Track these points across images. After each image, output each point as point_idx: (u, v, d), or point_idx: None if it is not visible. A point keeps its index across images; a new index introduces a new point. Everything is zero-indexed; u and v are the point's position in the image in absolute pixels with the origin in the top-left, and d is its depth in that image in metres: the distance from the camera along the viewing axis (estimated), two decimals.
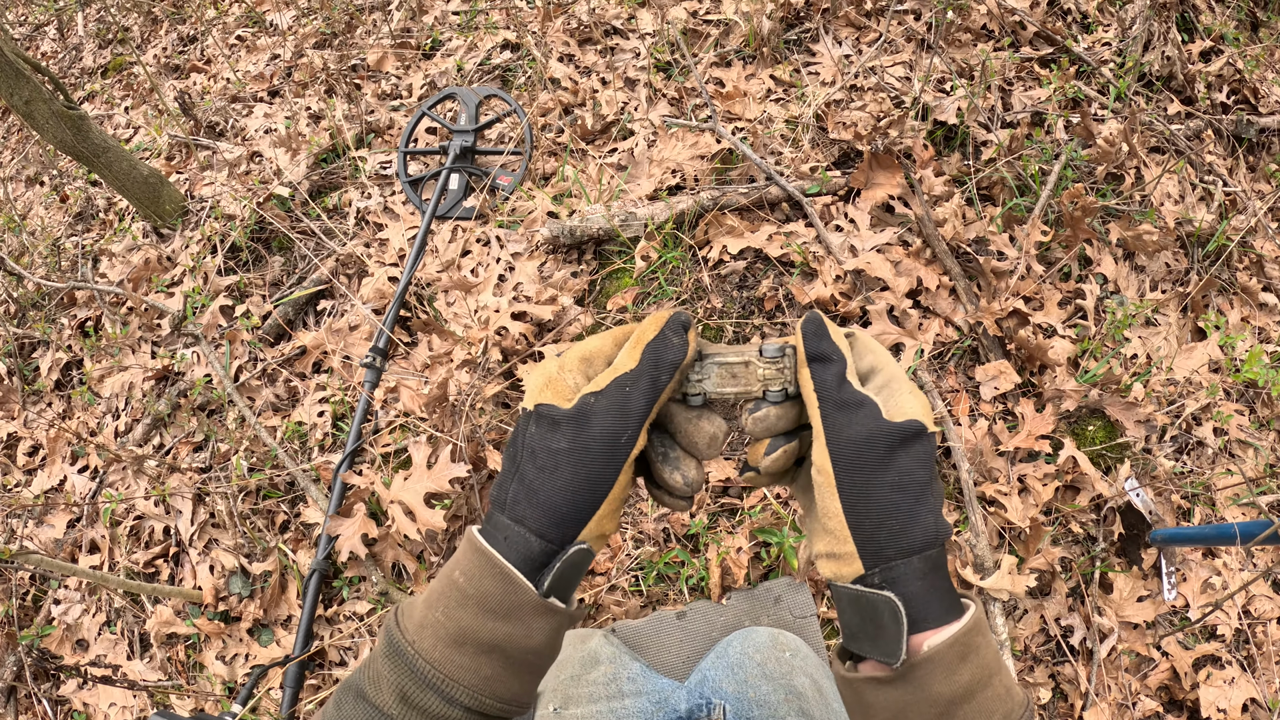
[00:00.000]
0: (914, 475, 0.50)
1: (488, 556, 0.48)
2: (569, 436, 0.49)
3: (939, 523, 0.50)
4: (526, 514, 0.49)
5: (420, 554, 1.79)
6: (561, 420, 0.50)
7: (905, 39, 2.37)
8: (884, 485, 0.49)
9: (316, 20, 2.94)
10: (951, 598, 0.50)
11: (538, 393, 0.52)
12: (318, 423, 1.98)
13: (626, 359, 0.52)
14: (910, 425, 0.50)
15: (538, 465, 0.49)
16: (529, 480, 0.49)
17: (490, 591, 0.47)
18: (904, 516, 0.49)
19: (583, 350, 0.54)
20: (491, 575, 0.48)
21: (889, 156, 2.00)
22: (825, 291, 1.86)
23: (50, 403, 2.30)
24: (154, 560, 1.95)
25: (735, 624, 1.60)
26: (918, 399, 0.53)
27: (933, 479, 0.51)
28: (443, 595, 0.49)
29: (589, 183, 2.18)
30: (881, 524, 0.49)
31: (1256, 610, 1.69)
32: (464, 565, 0.49)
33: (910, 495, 0.49)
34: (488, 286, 2.00)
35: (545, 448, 0.50)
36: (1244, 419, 1.87)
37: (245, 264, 2.31)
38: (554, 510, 0.49)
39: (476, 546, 0.49)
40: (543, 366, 0.54)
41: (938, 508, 0.51)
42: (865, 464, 0.49)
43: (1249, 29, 2.58)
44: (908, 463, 0.50)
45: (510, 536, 0.49)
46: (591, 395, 0.51)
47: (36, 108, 2.05)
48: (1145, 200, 2.09)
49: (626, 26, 2.55)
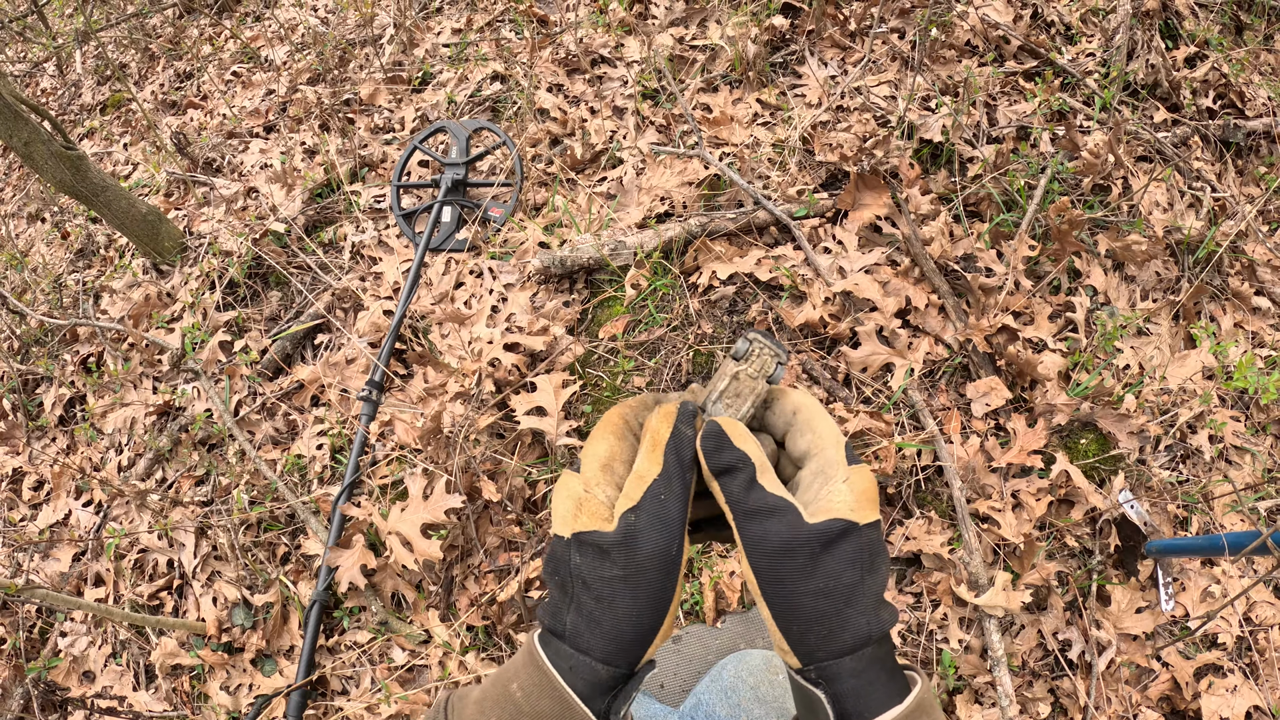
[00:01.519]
0: (841, 579, 0.48)
1: (548, 676, 0.48)
2: (621, 563, 0.48)
3: (872, 621, 0.49)
4: (592, 645, 0.48)
5: (419, 583, 1.80)
6: (609, 547, 0.49)
7: (890, 58, 2.39)
8: (806, 594, 0.48)
9: (310, 55, 2.98)
10: (893, 685, 0.49)
11: (571, 519, 0.50)
12: (316, 456, 2.00)
13: (649, 464, 0.51)
14: (830, 527, 0.48)
15: (594, 596, 0.48)
16: (588, 611, 0.49)
17: (546, 711, 0.48)
18: (831, 622, 0.48)
19: (600, 457, 0.53)
20: (550, 696, 0.48)
21: (875, 177, 2.02)
22: (814, 314, 1.88)
23: (54, 438, 2.33)
24: (158, 593, 1.97)
25: (730, 647, 1.61)
26: (852, 487, 0.50)
27: (866, 574, 0.49)
28: (497, 704, 0.49)
29: (579, 212, 2.21)
30: (808, 630, 0.48)
31: (1258, 617, 1.69)
32: (522, 680, 0.49)
33: (837, 600, 0.48)
34: (481, 318, 2.02)
35: (598, 577, 0.49)
36: (1239, 425, 1.87)
37: (243, 299, 2.34)
38: (620, 637, 0.49)
39: (538, 663, 0.49)
40: (567, 486, 0.52)
41: (871, 606, 0.49)
42: (784, 574, 0.48)
43: (1233, 32, 2.59)
44: (832, 566, 0.48)
45: (576, 666, 0.48)
46: (631, 514, 0.49)
47: (35, 149, 2.09)
48: (1133, 210, 2.10)
49: (614, 55, 2.59)
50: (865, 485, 0.51)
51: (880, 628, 0.49)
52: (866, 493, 0.51)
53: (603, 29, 2.66)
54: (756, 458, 0.51)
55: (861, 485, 0.51)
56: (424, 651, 1.75)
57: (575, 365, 1.95)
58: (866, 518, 0.50)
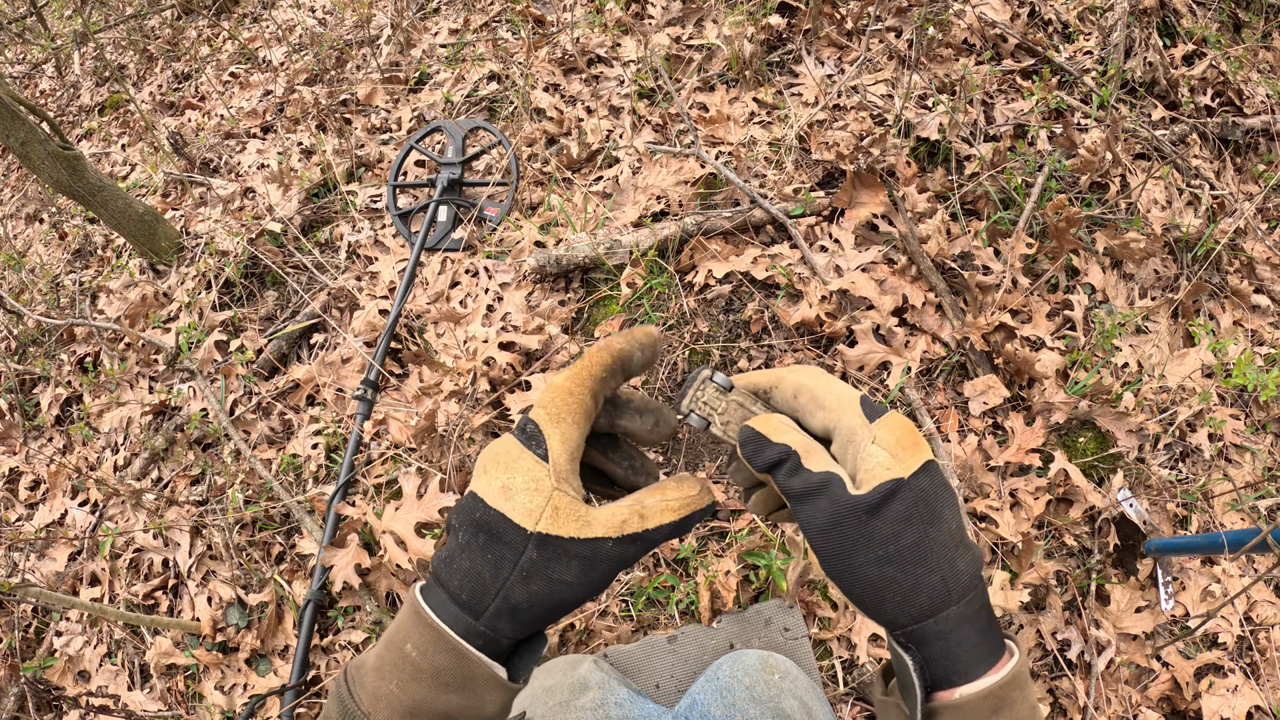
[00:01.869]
0: (900, 541, 0.46)
1: (439, 632, 0.48)
2: (575, 572, 0.48)
3: (949, 576, 0.46)
4: (504, 628, 0.49)
5: (413, 582, 1.80)
6: (572, 556, 0.48)
7: (886, 57, 2.39)
8: (868, 563, 0.47)
9: (307, 56, 2.98)
10: (986, 645, 0.47)
11: (544, 518, 0.48)
12: (311, 455, 1.99)
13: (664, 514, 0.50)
14: (874, 493, 0.47)
15: (531, 591, 0.48)
16: (516, 600, 0.48)
17: (444, 666, 0.48)
18: (903, 587, 0.47)
19: (571, 445, 0.50)
20: (445, 651, 0.48)
21: (872, 175, 2.02)
22: (811, 313, 1.87)
23: (51, 438, 2.33)
24: (153, 592, 1.96)
25: (726, 647, 1.60)
26: (883, 443, 0.49)
27: (928, 527, 0.47)
28: (395, 667, 0.49)
29: (575, 211, 2.21)
30: (881, 599, 0.47)
31: (1258, 616, 1.68)
32: (415, 639, 0.49)
33: (903, 564, 0.46)
34: (476, 317, 2.02)
35: (545, 575, 0.48)
36: (1239, 423, 1.86)
37: (239, 299, 2.34)
38: (532, 626, 0.49)
39: (428, 622, 0.48)
40: (531, 474, 0.49)
41: (944, 559, 0.47)
42: (841, 549, 0.47)
43: (1231, 30, 2.58)
44: (887, 530, 0.46)
45: (486, 643, 0.49)
46: (609, 541, 0.48)
47: (32, 149, 2.09)
48: (1131, 207, 2.09)
49: (610, 54, 2.58)
50: (897, 434, 0.49)
51: (958, 581, 0.47)
52: (901, 441, 0.49)
53: (599, 29, 2.66)
54: (800, 443, 0.50)
55: (893, 436, 0.49)
56: None
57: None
58: (910, 467, 0.48)
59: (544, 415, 0.50)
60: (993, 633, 0.48)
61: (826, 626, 1.63)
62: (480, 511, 0.49)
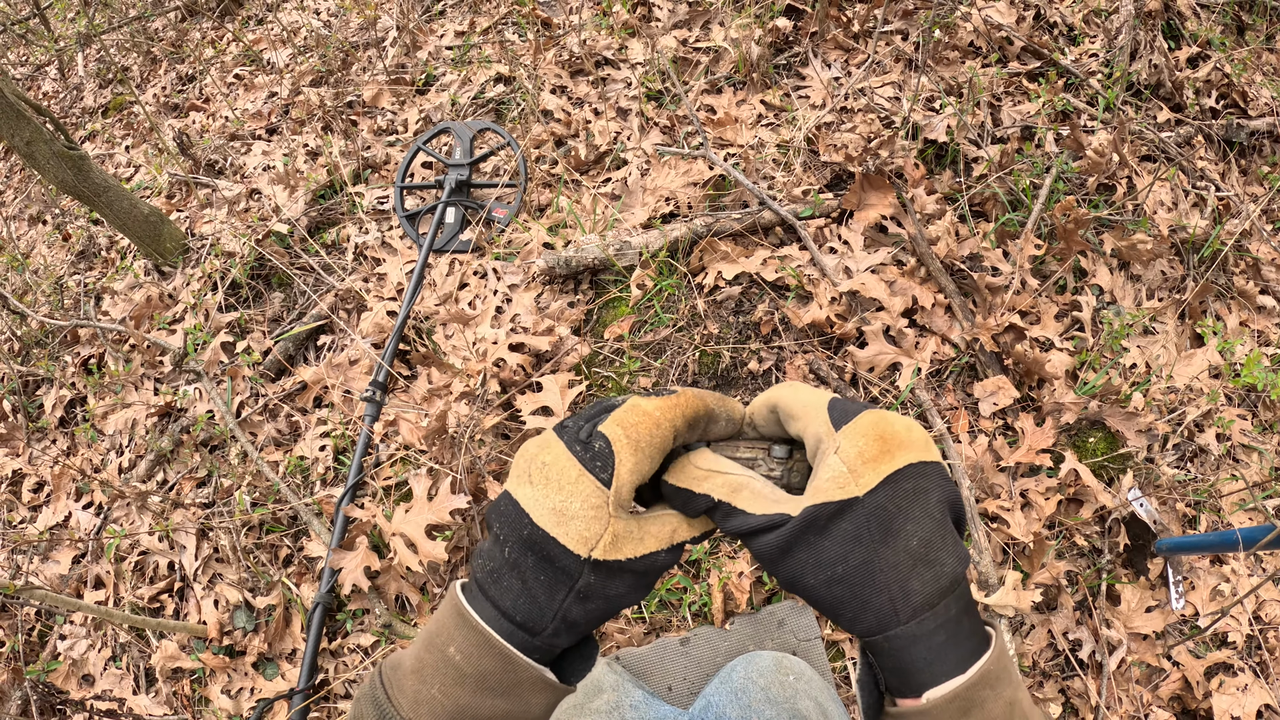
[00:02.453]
0: (848, 561, 0.45)
1: (485, 636, 0.47)
2: (628, 584, 0.48)
3: (897, 597, 0.44)
4: (563, 641, 0.49)
5: (423, 585, 1.79)
6: (629, 573, 0.48)
7: (893, 59, 2.40)
8: (818, 587, 0.46)
9: (313, 58, 2.98)
10: (949, 660, 0.45)
11: (602, 544, 0.47)
12: (319, 457, 1.99)
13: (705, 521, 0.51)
14: (819, 511, 0.45)
15: (588, 609, 0.48)
16: (573, 619, 0.48)
17: (490, 670, 0.47)
18: (851, 607, 0.45)
19: (640, 475, 0.48)
20: (491, 655, 0.47)
21: (880, 177, 2.02)
22: (821, 314, 1.87)
23: (54, 439, 2.32)
24: (159, 595, 1.95)
25: (739, 649, 1.59)
26: (844, 455, 0.46)
27: (878, 546, 0.45)
28: (438, 671, 0.48)
29: (583, 213, 2.20)
30: (835, 616, 0.46)
31: (1268, 615, 1.68)
32: (459, 642, 0.48)
33: (850, 585, 0.45)
34: (485, 319, 2.01)
35: (603, 594, 0.48)
36: (1246, 423, 1.87)
37: (245, 301, 2.33)
38: (588, 630, 0.50)
39: (473, 625, 0.48)
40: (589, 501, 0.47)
41: (894, 580, 0.44)
42: (793, 574, 0.46)
43: (1235, 33, 2.59)
44: (833, 551, 0.45)
45: (542, 658, 0.49)
46: (661, 554, 0.49)
47: (38, 149, 2.09)
48: (1138, 209, 2.10)
49: (617, 57, 2.59)
50: (860, 445, 0.46)
51: (909, 601, 0.44)
52: (864, 453, 0.46)
53: (606, 31, 2.66)
54: (723, 487, 0.49)
55: (855, 448, 0.46)
56: None
57: (581, 366, 1.94)
58: (868, 482, 0.45)
59: (623, 437, 0.47)
60: (957, 645, 0.45)
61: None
62: (529, 530, 0.47)
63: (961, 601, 0.46)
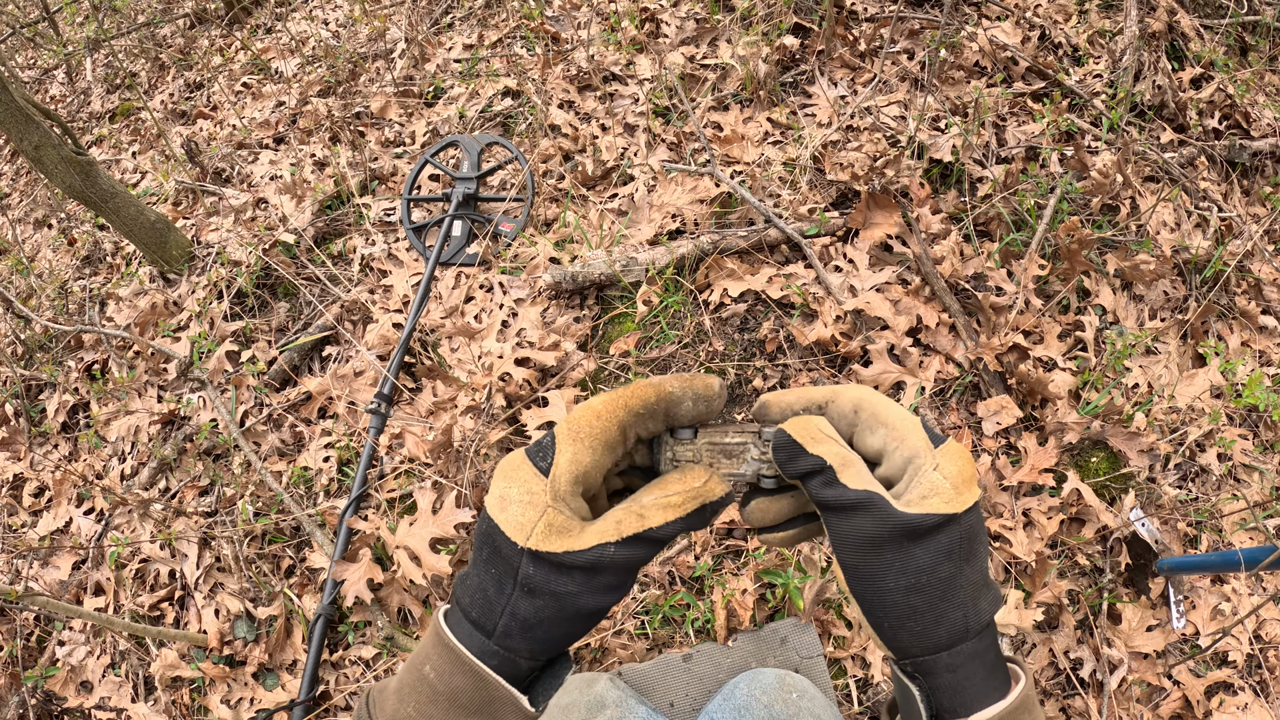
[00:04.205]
0: (935, 574, 0.45)
1: (457, 654, 0.48)
2: (578, 582, 0.47)
3: (970, 614, 0.46)
4: (519, 646, 0.48)
5: (426, 599, 1.79)
6: (573, 568, 0.47)
7: (899, 79, 2.42)
8: (897, 590, 0.46)
9: (321, 68, 3.00)
10: (995, 679, 0.47)
11: (536, 535, 0.47)
12: (323, 468, 1.99)
13: (665, 511, 0.49)
14: (923, 520, 0.45)
15: (536, 605, 0.47)
16: (523, 616, 0.47)
17: (461, 688, 0.47)
18: (924, 618, 0.46)
19: (580, 468, 0.48)
20: (462, 673, 0.48)
21: (886, 196, 2.03)
22: (826, 332, 1.88)
23: (56, 445, 2.32)
24: (159, 603, 1.95)
25: (742, 666, 1.59)
26: (946, 473, 0.47)
27: (963, 565, 0.46)
28: (414, 689, 0.49)
29: (590, 228, 2.21)
30: (901, 627, 0.46)
31: (1268, 634, 1.68)
32: (434, 661, 0.49)
33: (931, 596, 0.46)
34: (491, 332, 2.02)
35: (548, 590, 0.47)
36: (1248, 443, 1.88)
37: (251, 310, 2.34)
38: (548, 641, 0.48)
39: (446, 643, 0.48)
40: (528, 487, 0.48)
41: (969, 597, 0.46)
42: (873, 570, 0.46)
43: (1238, 54, 2.61)
44: (925, 560, 0.45)
45: (501, 663, 0.48)
46: (610, 546, 0.47)
47: (45, 153, 2.09)
48: (1141, 230, 2.11)
49: (625, 73, 2.60)
50: (960, 466, 0.47)
51: (979, 619, 0.47)
52: (962, 474, 0.47)
53: (614, 47, 2.68)
54: (836, 456, 0.48)
55: (956, 468, 0.47)
56: None
57: (586, 381, 1.95)
58: (966, 503, 0.46)
59: (564, 430, 0.49)
60: (999, 670, 0.48)
61: (841, 645, 1.63)
62: (485, 523, 0.49)
63: (995, 629, 0.49)
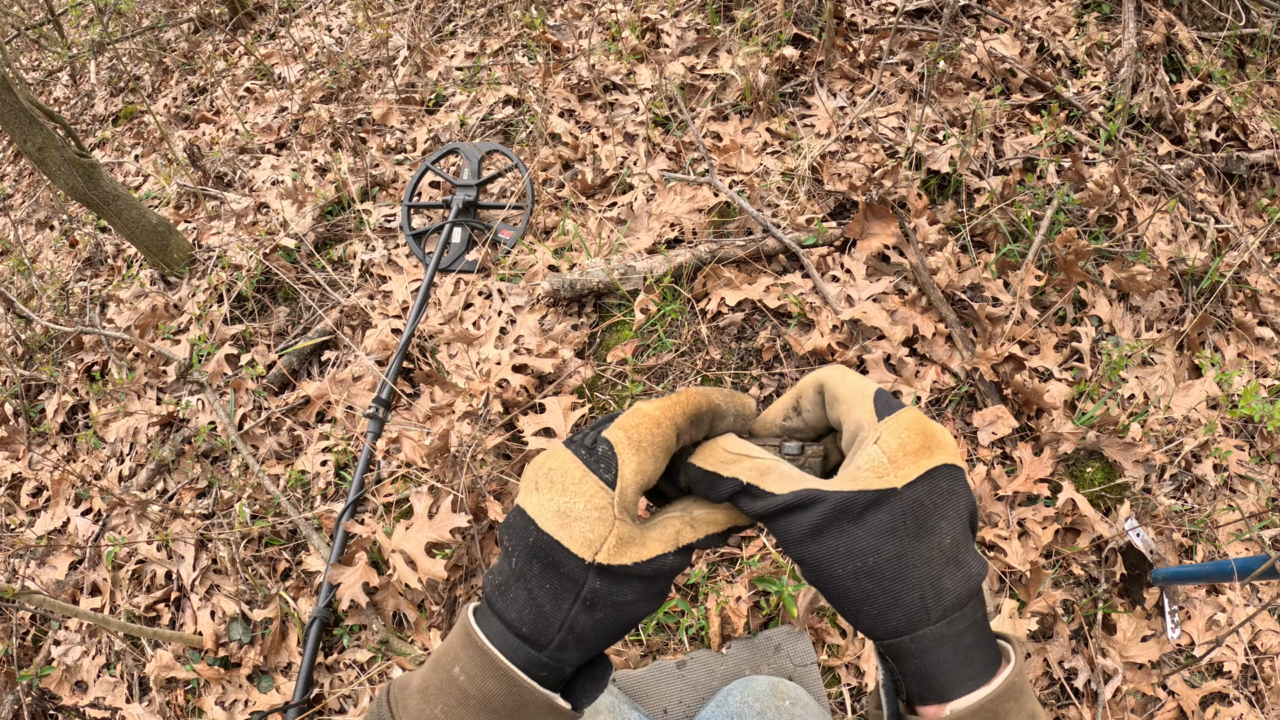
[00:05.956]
0: (880, 553, 0.43)
1: (490, 657, 0.46)
2: (637, 591, 0.47)
3: (929, 594, 0.44)
4: (571, 657, 0.47)
5: (421, 603, 1.79)
6: (637, 578, 0.46)
7: (898, 90, 2.43)
8: (846, 576, 0.44)
9: (323, 74, 3.02)
10: (973, 664, 0.45)
11: (605, 549, 0.45)
12: (320, 472, 1.99)
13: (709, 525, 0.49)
14: (855, 498, 0.43)
15: (596, 619, 0.46)
16: (581, 629, 0.46)
17: (494, 692, 0.46)
18: (879, 601, 0.44)
19: (645, 477, 0.47)
20: (495, 676, 0.46)
21: (884, 206, 2.04)
22: (822, 342, 1.89)
23: (55, 445, 2.32)
24: (155, 604, 1.95)
25: (735, 673, 1.60)
26: (885, 445, 0.45)
27: (912, 541, 0.44)
28: (441, 691, 0.47)
29: (589, 236, 2.23)
30: (860, 612, 0.45)
31: (1263, 645, 1.69)
32: (464, 663, 0.47)
33: (880, 578, 0.44)
34: (489, 339, 2.03)
35: (610, 601, 0.46)
36: (1244, 454, 1.88)
37: (251, 313, 2.35)
38: (600, 647, 0.48)
39: (479, 645, 0.47)
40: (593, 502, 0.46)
41: (927, 577, 0.44)
42: (819, 560, 0.45)
43: (1236, 66, 2.63)
44: (866, 540, 0.43)
45: (549, 676, 0.47)
46: (669, 556, 0.47)
47: (49, 154, 2.10)
48: (1138, 241, 2.12)
49: (625, 82, 2.62)
50: (902, 438, 0.45)
51: (941, 600, 0.44)
52: (905, 445, 0.45)
53: (615, 56, 2.70)
54: (751, 469, 0.47)
55: (897, 440, 0.45)
56: None
57: (583, 388, 1.95)
58: (908, 475, 0.44)
59: (624, 439, 0.47)
60: (982, 650, 0.45)
61: (835, 654, 1.63)
62: (534, 536, 0.46)
63: (982, 608, 0.46)
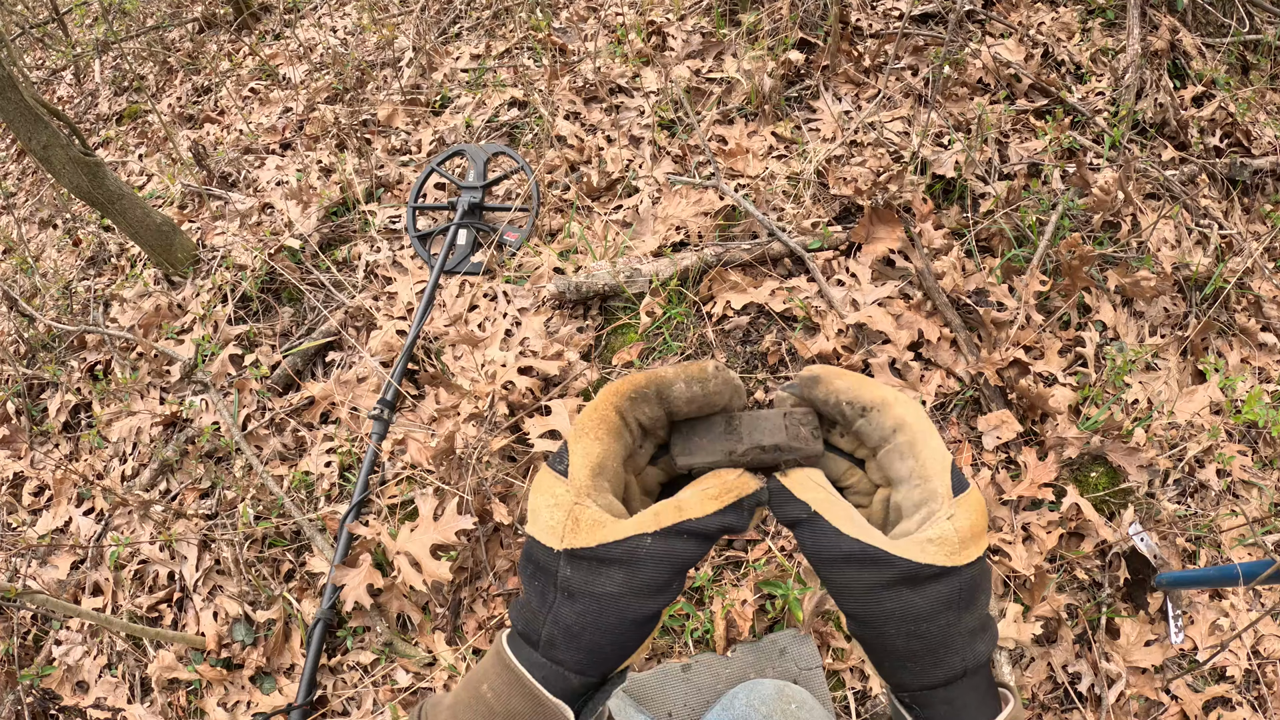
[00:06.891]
0: (934, 621, 0.46)
1: (517, 675, 0.48)
2: (618, 581, 0.46)
3: (968, 656, 0.48)
4: (566, 657, 0.47)
5: (426, 605, 1.79)
6: (609, 563, 0.47)
7: (903, 95, 2.44)
8: (897, 636, 0.47)
9: (328, 75, 3.02)
10: (985, 707, 0.49)
11: (565, 533, 0.47)
12: (325, 473, 1.99)
13: (703, 503, 0.49)
14: (922, 569, 0.46)
15: (578, 610, 0.47)
16: (566, 624, 0.47)
17: (519, 710, 0.47)
18: (923, 660, 0.47)
19: (592, 461, 0.49)
20: (520, 694, 0.47)
21: (889, 211, 2.05)
22: (827, 345, 1.89)
23: (58, 444, 2.32)
24: (157, 605, 1.95)
25: (741, 676, 1.59)
26: (957, 525, 0.47)
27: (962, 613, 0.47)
28: (469, 707, 0.49)
29: (595, 239, 2.23)
30: (901, 668, 0.48)
31: (1266, 650, 1.69)
32: (492, 680, 0.49)
33: (929, 642, 0.47)
34: (494, 341, 2.03)
35: (587, 591, 0.47)
36: (1247, 459, 1.88)
37: (255, 314, 2.34)
38: (597, 652, 0.47)
39: (507, 663, 0.49)
40: (553, 493, 0.49)
41: (967, 641, 0.48)
42: (872, 618, 0.47)
43: (1240, 72, 2.63)
44: (923, 608, 0.46)
45: (549, 676, 0.48)
46: (646, 537, 0.47)
47: (54, 153, 2.10)
48: (1142, 246, 2.13)
49: (631, 85, 2.62)
50: (971, 520, 0.48)
51: (976, 660, 0.48)
52: (973, 528, 0.48)
53: (620, 59, 2.70)
54: (824, 504, 0.49)
55: (967, 521, 0.48)
56: (428, 674, 1.73)
57: (589, 390, 1.95)
58: (968, 558, 0.47)
59: (570, 432, 0.51)
60: (992, 691, 0.50)
61: (840, 657, 1.63)
62: (526, 542, 0.50)
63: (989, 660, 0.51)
